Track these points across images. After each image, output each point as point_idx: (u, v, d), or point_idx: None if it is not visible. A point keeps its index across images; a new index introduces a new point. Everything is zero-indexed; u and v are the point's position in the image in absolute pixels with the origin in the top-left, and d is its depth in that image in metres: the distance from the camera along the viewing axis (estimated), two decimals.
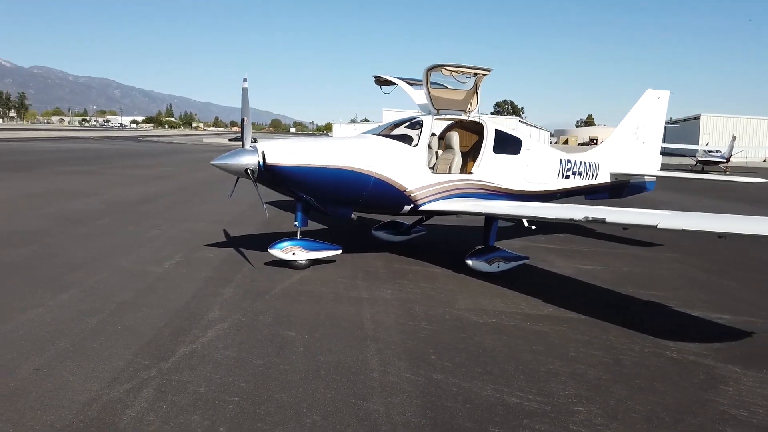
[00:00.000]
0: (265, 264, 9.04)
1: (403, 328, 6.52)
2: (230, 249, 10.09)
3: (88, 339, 5.80)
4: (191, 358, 5.43)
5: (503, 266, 9.01)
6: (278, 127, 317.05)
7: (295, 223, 8.96)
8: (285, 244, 8.82)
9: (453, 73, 9.09)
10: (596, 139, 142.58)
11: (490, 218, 9.34)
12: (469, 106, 10.01)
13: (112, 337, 5.86)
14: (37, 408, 4.36)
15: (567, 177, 11.18)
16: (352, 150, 8.64)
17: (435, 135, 10.35)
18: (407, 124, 9.70)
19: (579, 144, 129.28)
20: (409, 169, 8.94)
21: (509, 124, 68.02)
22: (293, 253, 8.77)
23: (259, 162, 8.10)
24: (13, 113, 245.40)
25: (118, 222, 12.90)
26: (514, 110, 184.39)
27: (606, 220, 7.34)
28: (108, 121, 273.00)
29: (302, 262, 8.84)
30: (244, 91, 8.52)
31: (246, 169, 8.11)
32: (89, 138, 78.39)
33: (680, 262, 10.68)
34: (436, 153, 10.21)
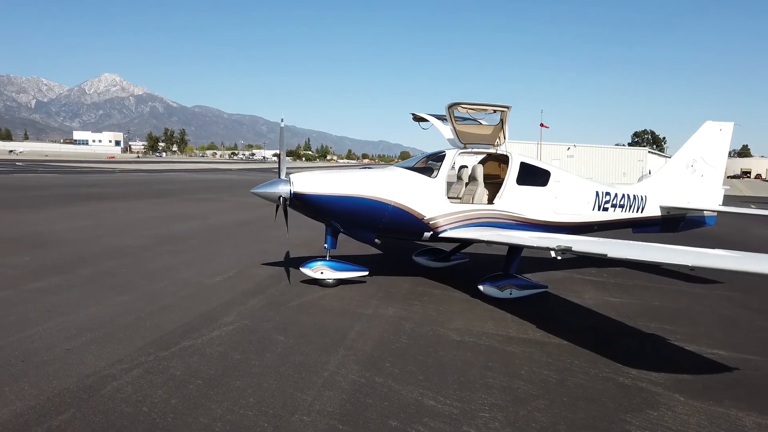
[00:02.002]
0: (301, 281, 10.14)
1: (380, 340, 7.23)
2: (281, 267, 11.32)
3: (119, 331, 7.18)
4: (186, 350, 6.59)
5: (516, 293, 9.35)
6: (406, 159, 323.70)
7: (325, 245, 10.00)
8: (315, 264, 9.88)
9: (469, 110, 9.72)
10: (749, 172, 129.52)
11: (513, 247, 9.74)
12: (497, 140, 10.51)
13: (138, 331, 7.19)
14: (52, 375, 5.70)
15: (605, 209, 11.18)
16: (371, 181, 9.55)
17: (467, 167, 10.96)
18: (434, 157, 10.42)
19: (728, 177, 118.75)
20: (427, 198, 9.64)
21: (635, 156, 64.30)
22: (321, 272, 9.80)
23: (290, 190, 9.28)
24: (175, 147, 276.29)
25: (205, 242, 14.77)
26: (655, 140, 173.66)
27: (573, 249, 7.56)
28: (253, 154, 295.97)
29: (330, 281, 9.83)
30: (281, 130, 9.82)
31: (279, 197, 9.32)
32: (230, 170, 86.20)
33: (728, 300, 10.23)
34: (466, 184, 10.81)
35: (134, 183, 42.01)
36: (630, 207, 11.54)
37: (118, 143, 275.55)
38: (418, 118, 11.25)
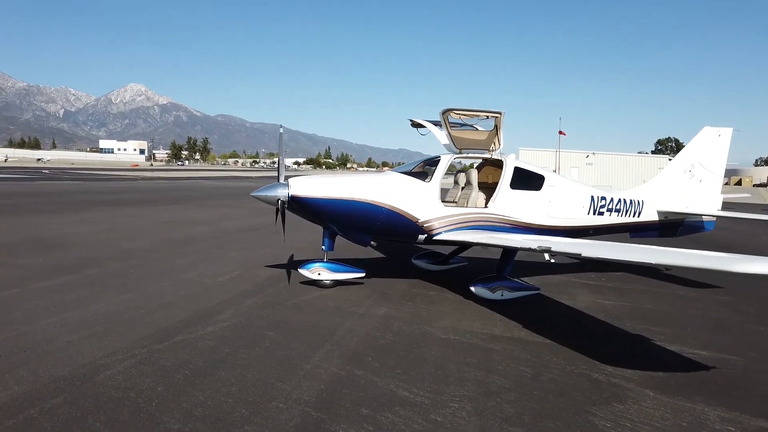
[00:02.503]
0: (300, 283, 10.43)
1: (367, 337, 7.48)
2: (282, 269, 11.63)
3: (119, 326, 7.53)
4: (180, 344, 6.90)
5: (508, 295, 9.53)
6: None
7: (322, 247, 10.29)
8: (313, 265, 10.18)
9: (462, 116, 9.96)
10: None
11: (507, 250, 9.94)
12: (492, 145, 10.73)
13: (136, 327, 7.53)
14: (50, 364, 6.05)
15: (600, 213, 11.30)
16: (366, 184, 9.82)
17: (463, 172, 11.19)
18: (429, 162, 10.66)
19: (754, 186, 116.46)
20: (420, 202, 9.88)
21: (656, 164, 63.56)
22: (318, 274, 10.09)
23: (288, 194, 9.60)
24: (197, 156, 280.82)
25: (213, 245, 15.16)
26: (679, 148, 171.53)
27: (551, 249, 7.75)
28: (274, 162, 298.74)
29: (327, 282, 10.11)
30: (281, 136, 10.18)
31: (278, 200, 9.65)
32: (251, 177, 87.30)
33: (722, 304, 10.25)
34: (462, 188, 11.03)
35: (153, 190, 42.88)
36: (626, 211, 11.64)
37: (142, 152, 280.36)
38: (415, 124, 11.51)
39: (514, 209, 10.38)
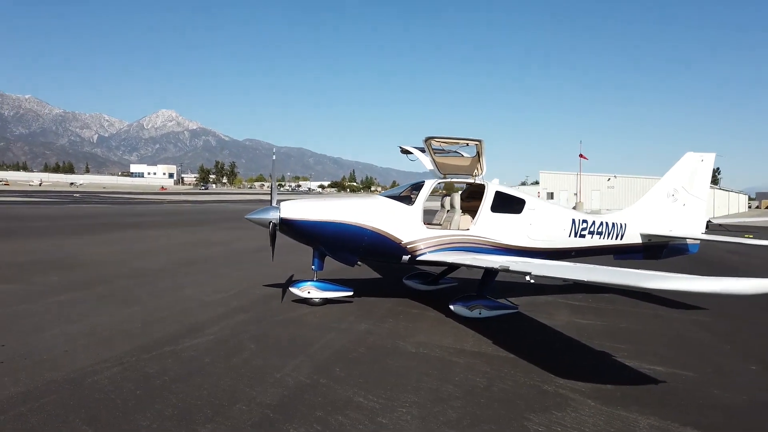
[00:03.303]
0: (292, 301, 11.01)
1: (341, 350, 8.00)
2: (278, 289, 12.24)
3: (114, 337, 8.20)
4: (165, 354, 7.52)
5: (486, 313, 9.97)
6: (450, 189, 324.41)
7: (312, 267, 10.89)
8: (303, 284, 10.78)
9: (442, 143, 10.54)
10: None
11: (488, 270, 10.40)
12: (476, 170, 11.27)
13: (129, 338, 8.18)
14: (46, 369, 6.71)
15: (582, 236, 11.70)
16: (352, 208, 10.43)
17: (449, 196, 11.74)
18: (415, 186, 11.23)
19: None
20: (404, 224, 10.44)
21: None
22: (308, 292, 10.68)
23: (278, 216, 10.26)
24: (225, 179, 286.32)
25: (220, 265, 15.90)
26: None
27: (510, 268, 8.27)
28: (299, 185, 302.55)
29: (317, 300, 10.68)
30: (273, 162, 10.90)
31: (269, 222, 10.31)
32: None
33: (697, 324, 10.50)
34: (447, 212, 11.57)
35: (176, 213, 44.22)
36: (608, 234, 12.02)
37: (171, 176, 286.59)
38: (404, 151, 12.12)
39: (495, 231, 10.86)
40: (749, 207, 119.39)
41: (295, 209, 10.30)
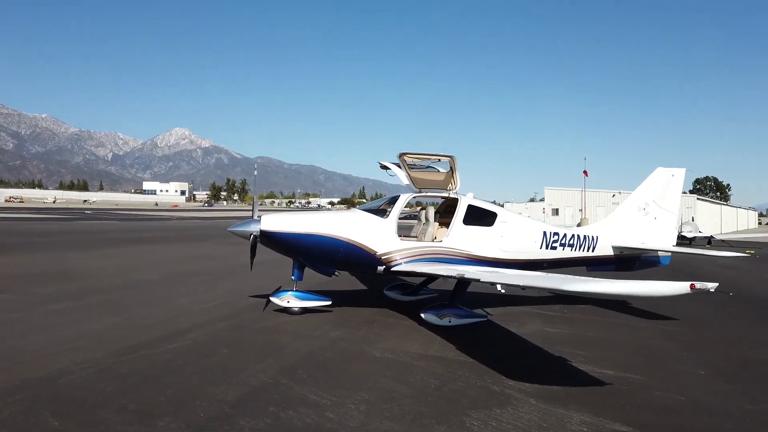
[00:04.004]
0: (274, 310, 11.47)
1: (309, 355, 8.42)
2: (263, 299, 12.69)
3: (97, 342, 8.67)
4: (141, 357, 7.98)
5: (455, 321, 10.37)
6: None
7: (292, 277, 11.36)
8: (284, 294, 11.24)
9: (414, 159, 11.02)
10: None
11: (460, 281, 10.81)
12: (449, 185, 11.74)
13: (111, 343, 8.65)
14: (26, 370, 7.17)
15: (553, 248, 12.08)
16: (328, 221, 10.92)
17: (425, 210, 12.21)
18: (391, 200, 11.70)
19: None
20: (378, 236, 10.89)
21: (684, 203, 63.41)
22: (288, 301, 11.13)
23: (258, 229, 10.77)
24: (236, 197, 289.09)
25: (215, 278, 16.39)
26: (718, 187, 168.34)
27: (465, 276, 8.73)
28: (309, 202, 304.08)
29: (296, 309, 11.13)
30: (255, 179, 11.45)
31: (250, 234, 10.81)
32: None
33: (664, 333, 10.78)
34: (424, 224, 12.02)
35: (182, 228, 44.95)
36: (580, 246, 12.39)
37: (183, 193, 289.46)
38: (383, 167, 12.62)
39: (467, 243, 11.28)
40: (759, 223, 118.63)
41: (274, 222, 10.80)
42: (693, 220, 59.61)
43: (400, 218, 11.25)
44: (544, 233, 12.04)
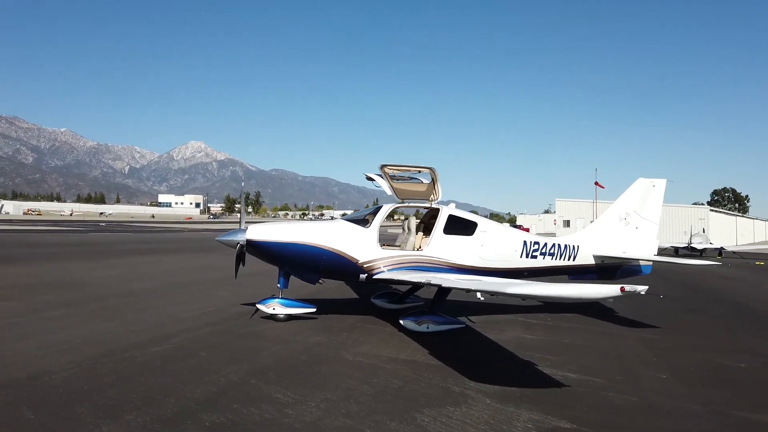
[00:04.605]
0: (261, 317, 11.86)
1: (284, 358, 8.77)
2: (254, 307, 13.11)
3: (85, 345, 9.09)
4: (123, 358, 8.38)
5: (433, 327, 10.68)
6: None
7: (278, 285, 11.76)
8: (270, 301, 11.63)
9: (394, 170, 11.40)
10: None
11: (442, 288, 11.14)
12: (431, 196, 12.10)
13: (98, 346, 9.08)
14: (13, 370, 7.58)
15: (534, 257, 12.37)
16: (312, 230, 11.32)
17: (408, 219, 12.57)
18: (374, 210, 12.08)
19: None
20: (360, 245, 11.26)
21: (696, 214, 63.73)
22: (273, 309, 11.52)
23: (244, 238, 11.20)
24: (250, 209, 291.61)
25: (211, 287, 16.83)
26: (737, 198, 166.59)
27: (431, 282, 9.09)
28: (322, 214, 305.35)
29: (281, 316, 11.51)
30: (242, 189, 11.94)
31: (237, 243, 11.25)
32: None
33: (641, 340, 11.02)
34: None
35: (192, 240, 45.66)
36: (561, 255, 12.66)
37: (198, 205, 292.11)
38: (369, 178, 13.02)
39: (447, 252, 11.61)
40: None
41: (260, 231, 11.22)
42: (704, 232, 59.26)
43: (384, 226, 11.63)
44: (525, 242, 12.33)
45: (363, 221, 11.68)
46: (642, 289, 7.01)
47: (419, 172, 11.42)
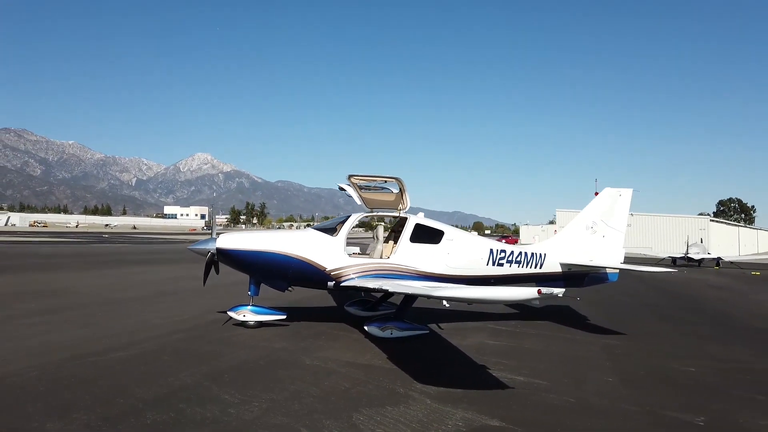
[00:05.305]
0: (234, 324, 12.15)
1: (243, 362, 9.04)
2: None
3: (56, 350, 9.34)
4: (86, 362, 8.64)
5: (397, 333, 10.94)
6: (480, 230, 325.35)
7: (249, 292, 12.06)
8: (241, 309, 11.92)
9: (360, 180, 11.72)
10: None
11: (407, 296, 11.42)
12: (400, 205, 12.40)
13: (68, 350, 9.32)
14: (10, 373, 8.00)
15: (500, 264, 12.62)
16: (280, 239, 11.64)
17: (378, 228, 12.88)
18: (343, 219, 12.38)
19: None
20: (328, 253, 11.56)
21: (697, 225, 64.00)
22: (244, 316, 11.81)
23: (216, 247, 11.52)
24: (255, 220, 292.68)
25: (193, 295, 17.09)
26: (743, 209, 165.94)
27: (389, 290, 9.42)
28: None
29: (252, 323, 11.79)
30: (213, 202, 12.24)
31: (208, 252, 11.58)
32: None
33: (605, 347, 11.22)
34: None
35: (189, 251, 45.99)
36: (527, 263, 12.91)
37: (203, 217, 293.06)
38: (341, 188, 13.33)
39: (414, 260, 11.89)
40: None
41: (229, 240, 11.55)
42: (702, 242, 59.23)
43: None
44: (491, 250, 12.59)
45: (331, 230, 11.99)
46: (559, 291, 7.30)
47: (385, 182, 11.72)
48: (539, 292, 7.15)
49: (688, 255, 49.52)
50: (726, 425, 6.81)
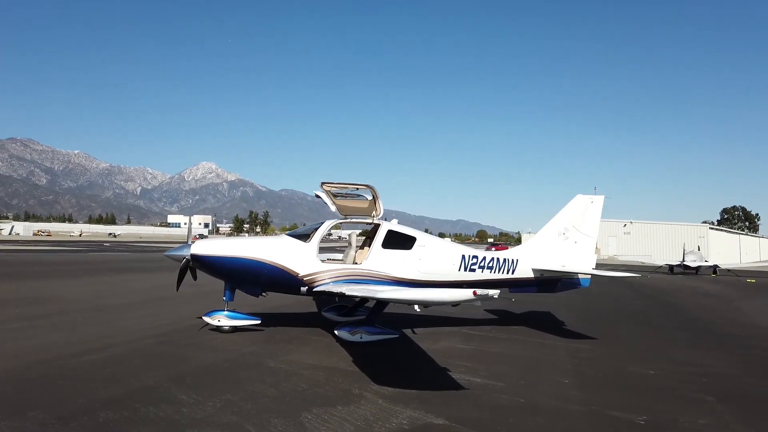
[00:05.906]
0: (210, 329, 12.37)
1: (208, 366, 9.23)
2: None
3: (28, 354, 9.58)
4: (55, 366, 8.81)
5: (367, 338, 11.14)
6: (483, 238, 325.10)
7: (224, 298, 12.29)
8: (215, 314, 12.15)
9: (332, 188, 11.96)
10: None
11: (379, 301, 11.61)
12: (373, 212, 12.64)
13: (39, 354, 9.56)
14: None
15: (472, 270, 12.82)
16: (253, 245, 11.89)
17: (351, 234, 13.10)
18: (317, 226, 12.62)
19: None
20: (300, 259, 11.78)
21: (696, 232, 64.38)
22: (219, 321, 12.03)
23: (190, 253, 11.77)
24: (258, 228, 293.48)
25: (179, 302, 17.30)
26: (747, 217, 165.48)
27: (345, 293, 9.59)
28: (330, 234, 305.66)
29: (226, 327, 12.01)
30: (191, 215, 12.47)
31: (183, 257, 11.82)
32: None
33: (569, 351, 11.40)
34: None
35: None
36: (499, 269, 13.10)
37: (207, 225, 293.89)
38: (317, 196, 13.57)
39: (385, 265, 12.10)
40: None
41: (203, 247, 11.79)
42: (698, 250, 59.25)
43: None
44: (463, 256, 12.80)
45: (305, 236, 12.22)
46: (494, 293, 7.51)
47: (357, 189, 11.96)
48: (475, 293, 7.38)
49: (685, 263, 49.58)
50: (665, 424, 6.98)
